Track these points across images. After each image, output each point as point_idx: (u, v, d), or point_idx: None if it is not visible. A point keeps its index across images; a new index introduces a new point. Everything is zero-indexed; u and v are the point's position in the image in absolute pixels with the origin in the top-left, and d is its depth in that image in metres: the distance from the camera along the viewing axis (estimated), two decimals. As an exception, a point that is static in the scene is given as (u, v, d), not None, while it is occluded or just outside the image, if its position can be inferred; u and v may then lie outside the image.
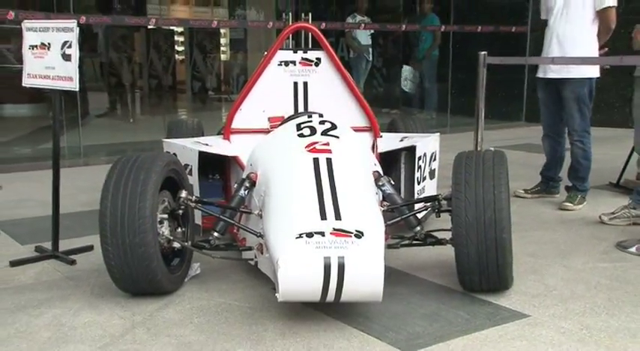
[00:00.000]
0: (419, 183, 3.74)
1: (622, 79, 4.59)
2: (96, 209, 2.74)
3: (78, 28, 3.20)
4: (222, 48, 11.43)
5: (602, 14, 4.24)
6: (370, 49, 9.31)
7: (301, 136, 3.05)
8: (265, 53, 3.95)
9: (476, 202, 2.65)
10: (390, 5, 10.70)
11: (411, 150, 3.71)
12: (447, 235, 2.86)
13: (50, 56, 3.28)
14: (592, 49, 4.29)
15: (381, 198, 3.10)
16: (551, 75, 4.39)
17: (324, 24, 7.23)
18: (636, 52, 3.89)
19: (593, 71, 4.31)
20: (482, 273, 2.71)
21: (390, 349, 2.35)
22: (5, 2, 6.33)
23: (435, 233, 2.98)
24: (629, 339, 2.44)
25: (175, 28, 11.11)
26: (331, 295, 2.35)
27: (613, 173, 4.96)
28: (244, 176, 3.12)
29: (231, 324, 2.57)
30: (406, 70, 9.71)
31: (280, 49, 3.81)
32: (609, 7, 4.21)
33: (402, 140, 3.85)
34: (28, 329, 2.53)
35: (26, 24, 3.41)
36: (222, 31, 11.08)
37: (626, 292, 2.90)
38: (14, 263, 3.24)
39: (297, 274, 2.33)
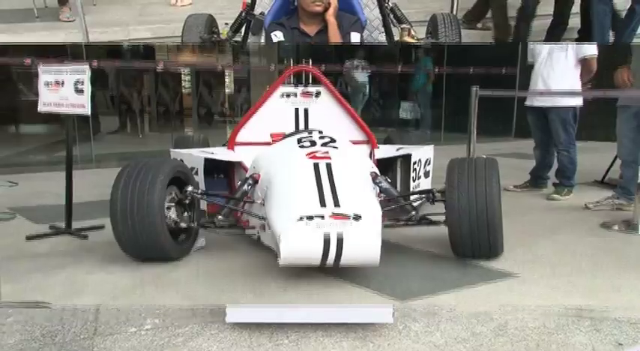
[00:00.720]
0: (414, 181, 3.89)
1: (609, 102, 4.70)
2: (107, 199, 2.89)
3: (90, 70, 3.32)
4: (226, 89, 11.70)
5: (583, 62, 4.49)
6: (367, 85, 9.66)
7: (302, 147, 3.20)
8: (267, 86, 4.11)
9: (468, 194, 2.81)
10: (385, 52, 10.97)
11: (406, 158, 3.84)
12: (441, 220, 2.99)
13: (64, 90, 3.40)
14: (575, 87, 4.48)
15: (378, 191, 3.22)
16: (537, 103, 4.61)
17: (323, 66, 7.25)
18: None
19: (577, 101, 4.52)
20: (475, 249, 2.88)
21: (388, 300, 2.49)
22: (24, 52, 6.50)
23: (429, 217, 3.11)
24: (612, 292, 2.58)
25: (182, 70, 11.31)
26: (330, 260, 2.46)
27: (598, 174, 5.11)
28: (247, 176, 3.27)
29: (235, 281, 2.71)
30: (404, 105, 10.15)
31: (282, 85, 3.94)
32: (590, 58, 4.46)
33: (397, 150, 3.98)
34: (43, 285, 2.68)
35: (42, 67, 3.52)
36: (226, 72, 11.34)
37: (610, 259, 3.04)
38: (30, 237, 3.39)
39: (299, 244, 2.45)
